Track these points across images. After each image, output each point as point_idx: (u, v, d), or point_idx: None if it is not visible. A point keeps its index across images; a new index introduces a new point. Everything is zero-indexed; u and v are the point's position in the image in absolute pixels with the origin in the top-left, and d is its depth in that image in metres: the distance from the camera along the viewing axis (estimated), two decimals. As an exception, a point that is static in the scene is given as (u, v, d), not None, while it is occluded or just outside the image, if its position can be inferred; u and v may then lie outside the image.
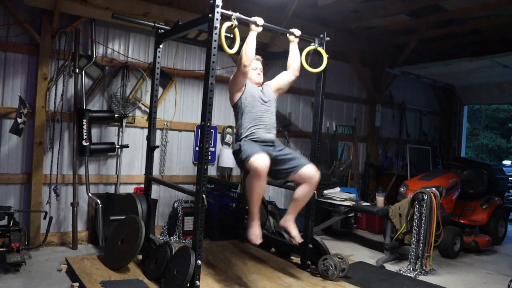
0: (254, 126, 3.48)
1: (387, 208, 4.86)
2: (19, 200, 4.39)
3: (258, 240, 3.32)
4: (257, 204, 3.31)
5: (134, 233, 3.62)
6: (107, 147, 4.76)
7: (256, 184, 3.18)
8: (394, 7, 5.44)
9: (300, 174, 3.44)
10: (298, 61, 3.82)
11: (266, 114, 3.56)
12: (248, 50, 3.35)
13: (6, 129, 4.20)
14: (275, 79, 3.88)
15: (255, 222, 3.34)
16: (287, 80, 3.84)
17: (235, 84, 3.53)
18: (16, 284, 3.38)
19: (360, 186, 7.15)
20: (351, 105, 7.30)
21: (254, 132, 3.46)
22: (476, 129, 19.26)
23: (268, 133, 3.53)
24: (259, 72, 3.71)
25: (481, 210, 5.80)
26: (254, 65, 3.68)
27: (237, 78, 3.47)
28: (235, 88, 3.54)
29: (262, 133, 3.49)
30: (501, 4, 5.00)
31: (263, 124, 3.50)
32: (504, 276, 4.46)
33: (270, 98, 3.67)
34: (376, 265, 4.51)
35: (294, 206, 3.59)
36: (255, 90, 3.58)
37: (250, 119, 3.49)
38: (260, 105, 3.55)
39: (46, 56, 4.35)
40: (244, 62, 3.37)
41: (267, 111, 3.59)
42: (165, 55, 5.16)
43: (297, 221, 5.57)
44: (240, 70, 3.40)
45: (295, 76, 3.85)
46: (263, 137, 3.48)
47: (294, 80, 3.89)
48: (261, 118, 3.52)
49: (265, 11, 5.41)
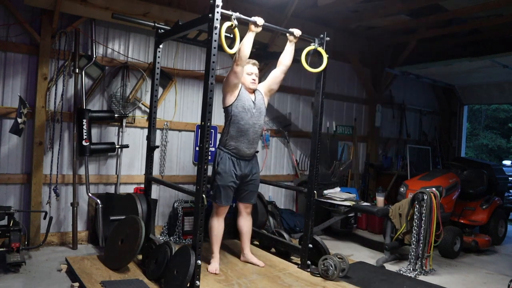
0: (237, 140, 3.67)
1: (387, 208, 4.85)
2: (19, 200, 4.39)
3: (217, 272, 3.66)
4: (217, 243, 3.76)
5: (134, 233, 3.62)
6: (107, 147, 4.76)
7: (217, 225, 3.75)
8: (394, 7, 5.44)
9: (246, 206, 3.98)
10: (290, 59, 3.88)
11: (252, 129, 3.72)
12: (243, 49, 3.39)
13: (6, 129, 4.20)
14: (266, 81, 3.97)
15: (214, 259, 3.75)
16: (277, 79, 3.92)
17: (227, 85, 3.62)
18: (16, 284, 3.38)
19: (360, 186, 7.15)
20: (351, 105, 7.30)
21: (236, 147, 3.69)
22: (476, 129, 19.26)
23: (249, 148, 3.75)
24: (255, 78, 3.77)
25: (481, 210, 5.79)
26: (250, 70, 3.73)
27: (229, 78, 3.56)
28: (227, 88, 3.62)
29: (243, 149, 3.71)
30: (501, 4, 5.00)
31: (247, 139, 3.71)
32: (504, 276, 4.46)
33: (261, 110, 3.81)
34: (376, 265, 4.51)
35: (245, 239, 4.03)
36: (246, 101, 3.69)
37: (237, 131, 3.67)
38: (249, 118, 3.69)
39: (46, 56, 4.34)
40: (237, 61, 3.41)
41: (255, 124, 3.74)
42: (165, 55, 5.16)
43: (297, 221, 5.62)
44: (233, 70, 3.46)
45: (284, 73, 3.92)
46: (243, 152, 3.72)
47: (283, 78, 3.95)
48: (247, 132, 3.69)
49: (265, 11, 5.41)
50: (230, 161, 3.69)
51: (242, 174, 3.76)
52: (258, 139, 3.84)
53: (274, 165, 6.27)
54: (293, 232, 5.40)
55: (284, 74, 3.92)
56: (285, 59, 3.87)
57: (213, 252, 3.77)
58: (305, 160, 6.49)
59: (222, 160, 3.69)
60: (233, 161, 3.70)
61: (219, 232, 3.77)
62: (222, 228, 3.80)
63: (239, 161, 3.73)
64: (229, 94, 3.65)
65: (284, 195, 6.36)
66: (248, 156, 3.80)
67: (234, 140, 3.68)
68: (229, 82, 3.57)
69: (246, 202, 3.96)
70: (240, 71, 3.51)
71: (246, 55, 3.44)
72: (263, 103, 3.85)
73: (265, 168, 6.06)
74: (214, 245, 3.76)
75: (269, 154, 6.18)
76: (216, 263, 3.73)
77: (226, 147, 3.72)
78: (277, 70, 3.90)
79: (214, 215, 3.76)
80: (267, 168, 6.13)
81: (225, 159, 3.69)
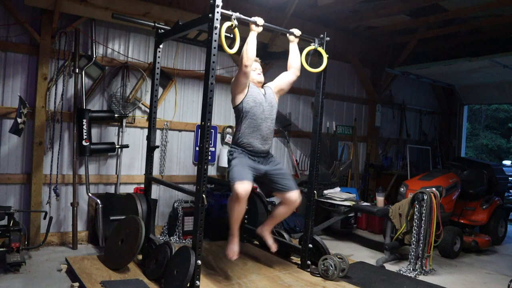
0: (251, 135, 3.54)
1: (387, 208, 4.85)
2: (19, 200, 4.39)
3: (235, 256, 3.54)
4: (236, 224, 3.53)
5: (134, 233, 3.62)
6: (107, 147, 4.76)
7: (236, 207, 3.40)
8: (394, 7, 5.44)
9: (285, 196, 3.69)
10: (299, 61, 3.84)
11: (265, 123, 3.60)
12: (249, 50, 3.36)
13: (6, 129, 4.20)
14: (276, 80, 3.90)
15: (235, 239, 3.56)
16: (288, 80, 3.87)
17: (237, 85, 3.54)
18: (16, 284, 3.38)
19: (360, 186, 7.15)
20: (351, 105, 7.31)
21: (250, 143, 3.54)
22: (476, 129, 19.27)
23: (263, 144, 3.60)
24: (259, 72, 3.74)
25: (481, 210, 5.79)
26: (253, 66, 3.70)
27: (239, 79, 3.49)
28: (237, 89, 3.56)
29: (257, 145, 3.57)
30: (501, 4, 5.00)
31: (260, 135, 3.57)
32: (504, 276, 4.46)
33: (272, 104, 3.71)
34: (376, 265, 4.51)
35: (272, 221, 3.91)
36: (257, 95, 3.61)
37: (249, 127, 3.55)
38: (261, 112, 3.58)
39: (46, 56, 4.34)
40: (245, 62, 3.38)
41: (267, 119, 3.63)
42: (165, 55, 5.16)
43: (297, 221, 5.62)
44: (242, 71, 3.42)
45: (296, 76, 3.88)
46: (257, 148, 3.57)
47: (295, 80, 3.92)
48: (260, 127, 3.57)
49: (265, 11, 5.41)
50: (245, 156, 3.52)
51: (260, 169, 3.56)
52: (272, 135, 3.68)
53: (274, 165, 6.26)
54: (293, 232, 5.40)
55: (296, 76, 3.86)
56: (293, 62, 3.83)
57: (233, 233, 3.55)
58: (305, 160, 6.49)
59: (235, 155, 3.53)
60: (248, 156, 3.53)
61: (239, 215, 3.48)
62: (243, 210, 3.49)
63: (255, 158, 3.56)
64: (238, 93, 3.57)
65: (284, 195, 6.35)
66: (264, 153, 3.62)
67: (247, 136, 3.53)
68: (239, 83, 3.50)
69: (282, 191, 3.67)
70: (249, 71, 3.45)
71: (253, 54, 3.40)
72: (273, 98, 3.75)
73: (265, 168, 6.05)
74: (234, 225, 3.52)
75: (269, 154, 6.17)
76: (236, 244, 3.54)
77: (239, 144, 3.56)
78: (289, 72, 3.86)
79: (234, 198, 3.37)
80: (267, 168, 6.12)
81: (239, 153, 3.53)
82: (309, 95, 6.44)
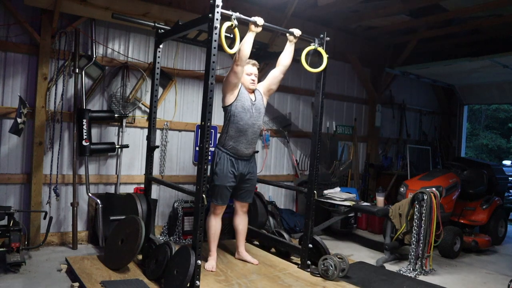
0: (236, 139, 3.70)
1: (387, 208, 4.85)
2: (19, 200, 4.39)
3: (213, 269, 3.71)
4: (213, 241, 3.82)
5: (134, 233, 3.62)
6: (107, 147, 4.76)
7: (213, 222, 3.80)
8: (394, 7, 5.44)
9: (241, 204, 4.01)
10: (289, 60, 3.90)
11: (251, 129, 3.74)
12: (243, 50, 3.40)
13: (6, 129, 4.19)
14: (266, 80, 3.98)
15: (211, 257, 3.80)
16: (276, 79, 3.95)
17: (227, 84, 3.63)
18: (16, 284, 3.38)
19: (360, 186, 7.15)
20: (351, 105, 7.30)
21: (234, 147, 3.71)
22: (476, 129, 19.28)
23: (248, 148, 3.78)
24: (254, 79, 3.80)
25: (481, 210, 5.79)
26: (250, 71, 3.75)
27: (229, 78, 3.58)
28: (227, 88, 3.65)
29: (242, 149, 3.74)
30: (501, 4, 5.00)
31: (246, 140, 3.73)
32: (504, 276, 4.46)
33: (260, 110, 3.83)
34: (376, 265, 4.51)
35: (240, 237, 4.07)
36: (246, 101, 3.71)
37: (236, 131, 3.69)
38: (249, 118, 3.71)
39: (46, 56, 4.34)
40: (237, 61, 3.43)
41: (254, 125, 3.77)
42: (165, 55, 5.16)
43: (297, 221, 5.62)
44: (232, 70, 3.48)
45: (283, 74, 3.94)
46: (241, 152, 3.75)
47: (283, 78, 3.98)
48: (246, 132, 3.71)
49: (265, 11, 5.41)
50: (228, 161, 3.71)
51: (240, 174, 3.79)
52: (256, 139, 3.86)
53: (274, 165, 6.27)
54: (293, 232, 5.41)
55: (283, 74, 3.94)
56: (284, 59, 3.88)
57: (210, 250, 3.82)
58: (305, 160, 6.49)
59: (220, 161, 3.71)
60: (232, 161, 3.72)
61: (217, 231, 3.82)
62: (219, 227, 3.85)
63: (238, 161, 3.76)
64: (229, 94, 3.67)
65: (284, 195, 6.36)
66: (247, 156, 3.82)
67: (233, 140, 3.70)
68: (229, 82, 3.59)
69: (243, 201, 4.00)
70: (240, 71, 3.52)
71: (246, 55, 3.45)
72: (262, 103, 3.87)
73: (265, 168, 6.06)
74: (211, 243, 3.82)
75: (269, 154, 6.18)
76: (213, 260, 3.79)
77: (224, 147, 3.74)
78: (276, 70, 3.92)
79: (212, 214, 3.82)
80: (267, 168, 6.13)
81: (223, 159, 3.71)
82: (309, 95, 6.44)
